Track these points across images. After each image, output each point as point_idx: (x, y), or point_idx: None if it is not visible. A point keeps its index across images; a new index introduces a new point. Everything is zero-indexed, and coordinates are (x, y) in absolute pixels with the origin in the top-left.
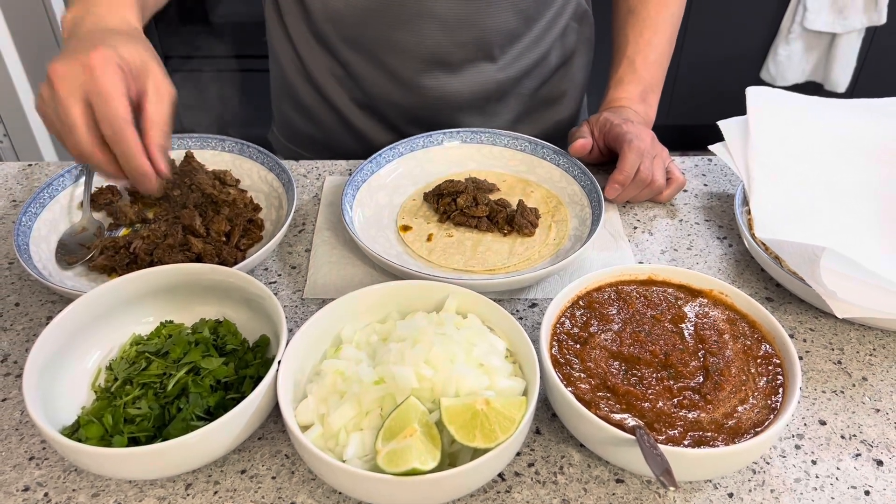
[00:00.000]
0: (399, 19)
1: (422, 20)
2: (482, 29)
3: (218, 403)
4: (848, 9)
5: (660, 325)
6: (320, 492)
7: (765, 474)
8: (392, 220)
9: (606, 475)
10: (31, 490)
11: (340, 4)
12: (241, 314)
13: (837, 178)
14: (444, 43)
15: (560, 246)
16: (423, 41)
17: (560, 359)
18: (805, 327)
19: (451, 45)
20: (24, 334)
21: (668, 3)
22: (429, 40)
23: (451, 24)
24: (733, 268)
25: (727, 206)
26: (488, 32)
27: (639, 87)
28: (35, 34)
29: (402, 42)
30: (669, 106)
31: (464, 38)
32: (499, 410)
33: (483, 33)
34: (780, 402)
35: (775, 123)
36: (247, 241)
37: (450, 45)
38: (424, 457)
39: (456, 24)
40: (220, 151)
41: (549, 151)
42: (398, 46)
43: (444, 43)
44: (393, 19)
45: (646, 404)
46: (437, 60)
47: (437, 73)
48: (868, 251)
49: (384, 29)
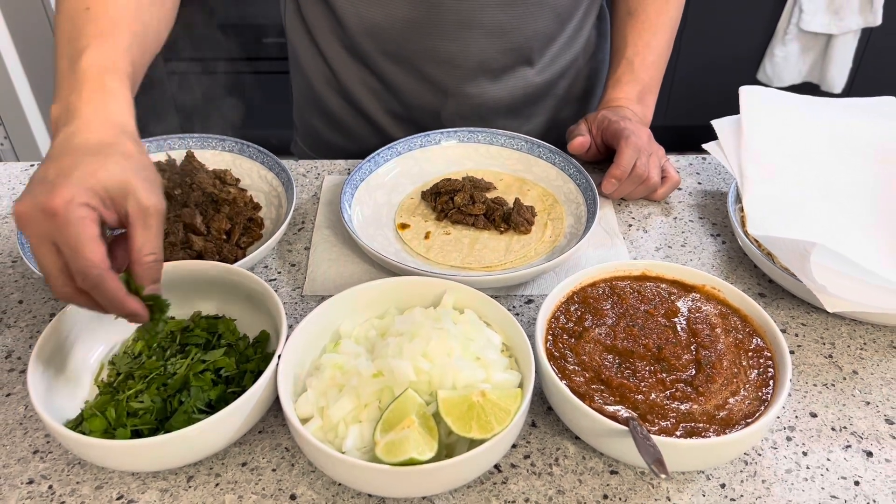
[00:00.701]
0: (443, 30)
1: (466, 29)
2: (523, 34)
3: (219, 397)
4: (843, 10)
5: (653, 320)
6: (320, 483)
7: (756, 465)
8: (390, 218)
9: (601, 466)
10: (36, 483)
11: (380, 17)
12: (241, 310)
13: (829, 175)
14: (488, 51)
15: (556, 243)
16: (467, 50)
17: (555, 352)
18: (797, 322)
19: (495, 53)
20: (28, 331)
21: (667, 6)
22: (473, 48)
23: (494, 32)
24: (727, 264)
25: (721, 204)
26: (528, 37)
27: (636, 87)
28: (35, 36)
29: (445, 52)
30: (667, 107)
31: (506, 45)
32: (495, 402)
33: (524, 39)
34: (771, 394)
35: (768, 122)
36: (247, 239)
37: (493, 52)
38: (422, 447)
39: (499, 31)
40: (220, 151)
41: (545, 150)
42: (441, 57)
43: (489, 51)
44: (436, 30)
45: (639, 396)
46: (481, 68)
47: (480, 81)
48: (859, 247)
49: (426, 40)
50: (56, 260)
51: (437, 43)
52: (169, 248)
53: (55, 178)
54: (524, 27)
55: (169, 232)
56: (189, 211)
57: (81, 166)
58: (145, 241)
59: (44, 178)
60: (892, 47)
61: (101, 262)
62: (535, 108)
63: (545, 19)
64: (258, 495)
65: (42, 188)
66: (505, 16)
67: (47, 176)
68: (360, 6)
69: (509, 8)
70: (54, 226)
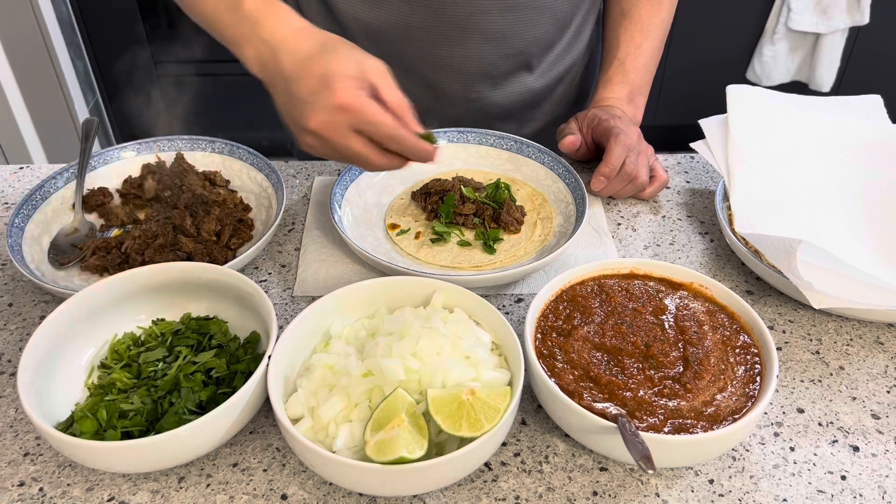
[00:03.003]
0: (444, 35)
1: (468, 35)
2: (524, 40)
3: (210, 398)
4: (831, 9)
5: (641, 317)
6: (311, 483)
7: (744, 461)
8: (380, 218)
9: (590, 463)
10: (27, 485)
11: (380, 21)
12: (232, 312)
13: (816, 173)
14: (489, 56)
15: (545, 242)
16: (468, 56)
17: (544, 351)
18: (784, 319)
19: (496, 58)
20: (18, 334)
21: (659, 8)
22: (474, 54)
23: (494, 37)
24: (715, 262)
25: (708, 202)
26: (528, 43)
27: (627, 88)
28: (24, 39)
29: (446, 58)
30: (656, 106)
31: (507, 51)
32: (484, 400)
33: (524, 44)
34: (758, 390)
35: (755, 121)
36: (237, 240)
37: (495, 58)
38: (412, 446)
39: (499, 36)
40: (209, 153)
41: (534, 150)
42: (442, 62)
43: (490, 56)
44: (437, 35)
45: (627, 393)
46: (482, 74)
47: (481, 87)
48: (845, 244)
49: (428, 45)
50: (363, 142)
51: (438, 48)
52: (158, 250)
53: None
54: (524, 32)
55: (158, 234)
56: (179, 212)
57: (330, 65)
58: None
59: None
60: (880, 46)
61: (395, 123)
62: (533, 113)
63: (545, 25)
64: (249, 496)
65: (320, 98)
66: (505, 21)
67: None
68: (359, 9)
69: (509, 13)
70: (353, 116)
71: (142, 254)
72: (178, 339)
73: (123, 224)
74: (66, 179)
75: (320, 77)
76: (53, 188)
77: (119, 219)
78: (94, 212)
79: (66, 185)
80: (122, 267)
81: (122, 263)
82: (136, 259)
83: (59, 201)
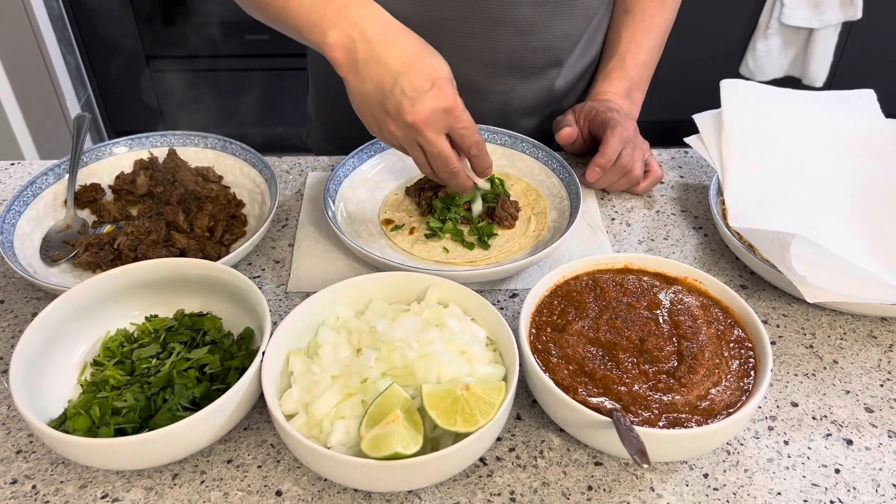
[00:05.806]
0: (475, 27)
1: (498, 27)
2: (553, 34)
3: (203, 394)
4: (824, 4)
5: (635, 312)
6: (305, 479)
7: (739, 455)
8: (374, 214)
9: (585, 458)
10: (19, 483)
11: (410, 13)
12: (225, 308)
13: (809, 167)
14: (518, 49)
15: (540, 237)
16: (498, 48)
17: (539, 346)
18: (778, 313)
19: (525, 52)
20: (10, 331)
21: (663, 8)
22: (504, 47)
23: (526, 31)
24: (709, 256)
25: (702, 197)
26: (558, 37)
27: (625, 83)
28: (15, 35)
29: (476, 50)
30: (650, 101)
31: (536, 44)
32: (479, 395)
33: (553, 38)
34: (752, 384)
35: (749, 115)
36: (230, 236)
37: (524, 51)
38: (407, 441)
39: (530, 29)
40: (202, 148)
41: (528, 145)
42: (472, 54)
43: (519, 49)
44: (467, 27)
45: (622, 388)
46: (511, 67)
47: (508, 80)
48: (838, 238)
49: (457, 37)
50: (448, 144)
51: (467, 40)
52: (151, 246)
53: (428, 83)
54: (554, 27)
55: (151, 230)
56: (172, 208)
57: (439, 68)
58: None
59: (415, 89)
60: (873, 41)
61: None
62: (555, 109)
63: (573, 20)
64: (244, 492)
65: (426, 96)
66: (535, 14)
67: (415, 86)
68: (390, 2)
69: (539, 6)
70: (452, 119)
71: (134, 250)
72: (172, 336)
73: (116, 220)
74: (57, 175)
75: (428, 76)
76: (45, 184)
77: (111, 215)
78: (87, 208)
79: (58, 182)
80: (115, 263)
81: (114, 260)
82: (129, 255)
83: (50, 197)
